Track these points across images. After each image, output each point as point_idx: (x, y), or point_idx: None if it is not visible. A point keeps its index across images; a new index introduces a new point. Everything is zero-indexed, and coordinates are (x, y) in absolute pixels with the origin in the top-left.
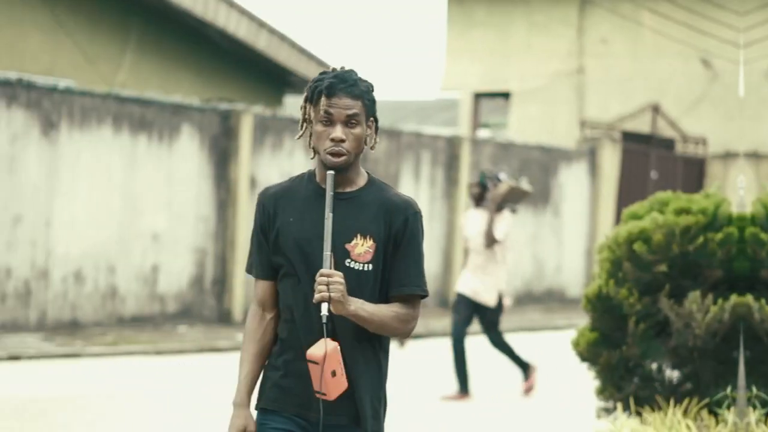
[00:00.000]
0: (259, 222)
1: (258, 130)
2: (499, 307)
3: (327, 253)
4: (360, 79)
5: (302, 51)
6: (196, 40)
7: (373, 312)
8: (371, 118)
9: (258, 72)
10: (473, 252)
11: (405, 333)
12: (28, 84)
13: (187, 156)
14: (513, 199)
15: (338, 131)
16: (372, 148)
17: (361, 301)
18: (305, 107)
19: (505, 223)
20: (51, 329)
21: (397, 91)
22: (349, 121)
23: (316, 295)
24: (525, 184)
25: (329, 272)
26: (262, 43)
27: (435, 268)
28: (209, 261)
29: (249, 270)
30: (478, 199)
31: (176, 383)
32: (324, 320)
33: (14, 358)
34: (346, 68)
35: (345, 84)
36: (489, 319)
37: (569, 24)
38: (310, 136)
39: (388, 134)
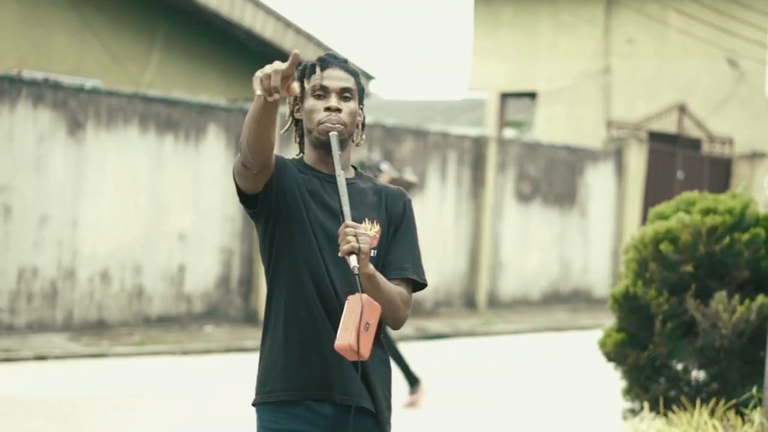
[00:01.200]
0: (284, 169)
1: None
2: None
3: (346, 208)
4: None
5: (328, 51)
6: (223, 40)
7: (386, 281)
8: (361, 106)
9: None
10: None
11: (403, 317)
12: (54, 84)
13: (213, 156)
14: None
15: (333, 100)
16: (357, 144)
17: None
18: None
19: None
20: (77, 329)
21: (423, 91)
22: (343, 94)
23: (344, 246)
24: (409, 175)
25: (355, 224)
26: (288, 43)
27: (461, 268)
28: (236, 261)
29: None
30: None
31: (203, 383)
32: (356, 272)
33: (41, 358)
34: None
35: (338, 60)
36: None
37: (595, 24)
38: (296, 129)
39: (414, 134)
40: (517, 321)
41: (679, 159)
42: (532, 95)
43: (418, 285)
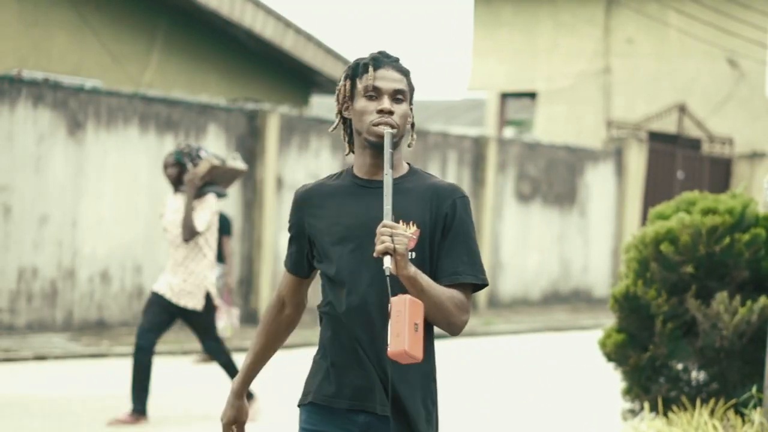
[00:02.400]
0: (294, 219)
1: (284, 130)
2: (210, 309)
3: (387, 207)
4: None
5: (328, 51)
6: (223, 40)
7: (432, 284)
8: (411, 106)
9: (284, 72)
10: (172, 246)
11: (459, 323)
12: (54, 84)
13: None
14: (221, 180)
15: (386, 102)
16: (409, 145)
17: (418, 269)
18: (345, 86)
19: (208, 210)
20: (77, 329)
21: (423, 91)
22: (395, 96)
23: (379, 246)
24: (236, 162)
25: (392, 224)
26: (288, 43)
27: None
28: (235, 261)
29: (285, 263)
30: (177, 182)
31: (203, 383)
32: (387, 273)
33: (41, 358)
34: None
35: (390, 59)
36: (200, 324)
37: (595, 24)
38: (344, 128)
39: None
40: (517, 321)
41: (679, 159)
42: (532, 95)
43: (479, 285)
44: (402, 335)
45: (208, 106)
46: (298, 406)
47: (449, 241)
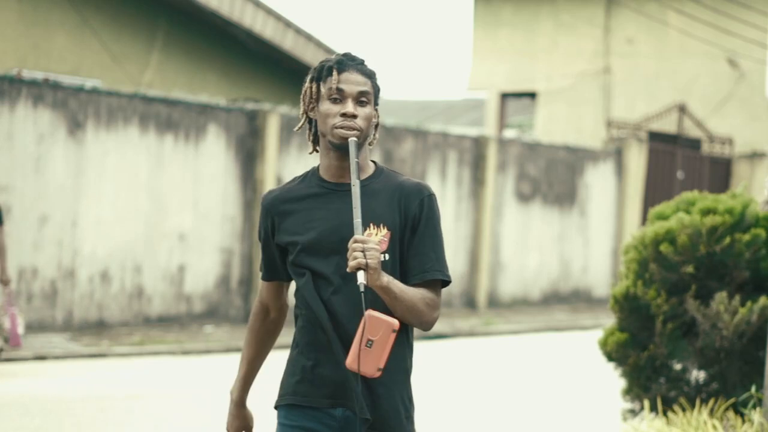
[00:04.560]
0: (263, 227)
1: (284, 130)
2: None
3: (357, 220)
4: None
5: (328, 51)
6: (223, 40)
7: (404, 289)
8: (376, 107)
9: (284, 72)
10: None
11: (430, 321)
12: (54, 84)
13: (213, 156)
14: None
15: (350, 106)
16: (370, 144)
17: (390, 276)
18: (310, 88)
19: None
20: (77, 329)
21: (423, 90)
22: (359, 99)
23: (351, 262)
24: None
25: (363, 238)
26: (288, 43)
27: (461, 268)
28: (235, 261)
29: (261, 273)
30: None
31: (202, 383)
32: (362, 289)
33: (41, 358)
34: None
35: (355, 62)
36: None
37: (595, 24)
38: (309, 128)
39: (414, 134)
40: (517, 321)
41: (679, 159)
42: (532, 95)
43: (445, 281)
44: (354, 353)
45: (208, 106)
46: (275, 407)
47: (417, 240)
